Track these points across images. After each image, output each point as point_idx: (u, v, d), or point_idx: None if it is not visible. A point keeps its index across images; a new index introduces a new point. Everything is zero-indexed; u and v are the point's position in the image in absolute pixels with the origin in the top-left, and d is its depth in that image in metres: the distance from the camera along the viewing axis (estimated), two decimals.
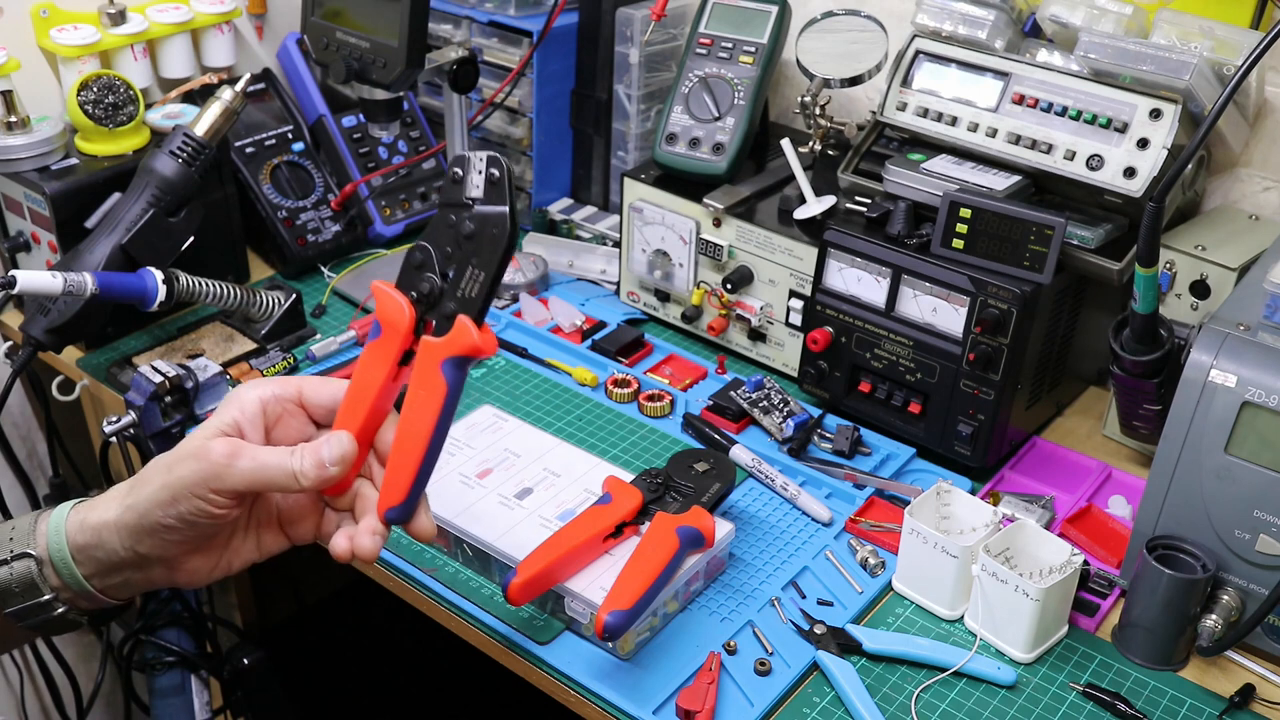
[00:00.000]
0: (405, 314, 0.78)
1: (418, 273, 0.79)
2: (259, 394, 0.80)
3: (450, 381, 0.76)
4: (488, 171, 0.77)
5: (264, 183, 1.58)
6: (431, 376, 0.77)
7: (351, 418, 0.79)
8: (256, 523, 0.83)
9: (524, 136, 1.67)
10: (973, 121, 1.25)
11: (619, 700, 0.96)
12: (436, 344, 0.77)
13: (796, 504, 1.19)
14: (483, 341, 0.76)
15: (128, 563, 0.78)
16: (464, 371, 0.77)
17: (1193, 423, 0.99)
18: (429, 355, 0.77)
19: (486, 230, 0.77)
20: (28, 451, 1.65)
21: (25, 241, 1.42)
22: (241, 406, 0.79)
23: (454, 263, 0.78)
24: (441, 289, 0.78)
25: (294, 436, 0.82)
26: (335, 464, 0.77)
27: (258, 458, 0.76)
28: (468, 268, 0.77)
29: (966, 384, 1.20)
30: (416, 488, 0.78)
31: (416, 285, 0.79)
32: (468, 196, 0.77)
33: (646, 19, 1.53)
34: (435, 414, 0.77)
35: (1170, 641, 1.01)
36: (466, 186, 0.77)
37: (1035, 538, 1.05)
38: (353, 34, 1.41)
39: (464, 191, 0.77)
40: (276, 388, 0.81)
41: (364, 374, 0.79)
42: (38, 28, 1.50)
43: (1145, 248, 1.00)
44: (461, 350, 0.76)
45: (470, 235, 0.77)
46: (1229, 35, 1.17)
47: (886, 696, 0.98)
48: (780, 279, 1.35)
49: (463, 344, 0.76)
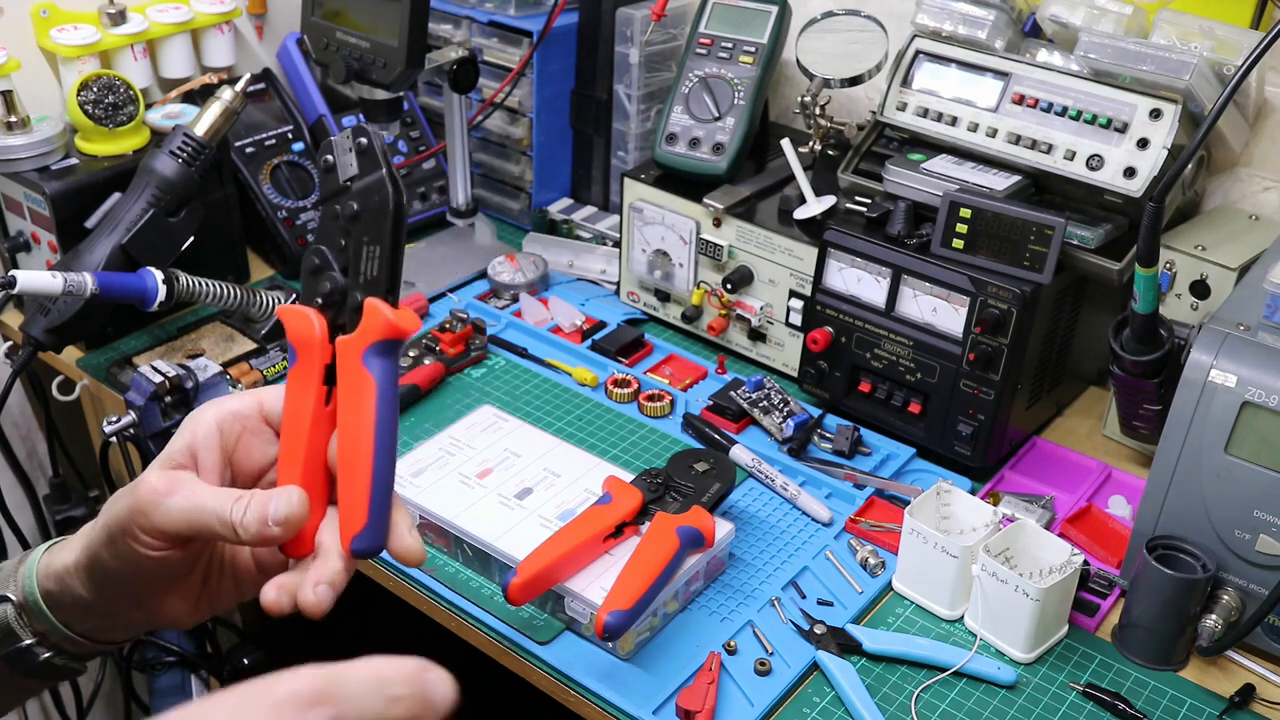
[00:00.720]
0: (314, 324, 0.68)
1: (316, 278, 0.69)
2: (213, 414, 0.71)
3: (377, 374, 0.66)
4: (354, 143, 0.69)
5: (264, 183, 1.58)
6: (355, 375, 0.66)
7: (291, 463, 0.68)
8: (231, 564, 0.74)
9: (524, 136, 1.67)
10: (973, 121, 1.25)
11: (619, 700, 0.96)
12: (351, 340, 0.67)
13: (796, 504, 1.19)
14: (398, 318, 0.66)
15: (96, 608, 0.71)
16: (391, 360, 0.67)
17: (1193, 423, 0.99)
18: (346, 354, 0.67)
19: (369, 203, 0.68)
20: (28, 451, 1.65)
21: (25, 241, 1.42)
22: (195, 430, 0.70)
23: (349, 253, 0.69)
24: (344, 285, 0.69)
25: (257, 459, 0.72)
26: (279, 524, 0.65)
27: (194, 497, 0.66)
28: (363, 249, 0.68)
29: (966, 384, 1.20)
30: (377, 505, 0.66)
31: (319, 291, 0.69)
32: (344, 179, 0.69)
33: (646, 19, 1.53)
34: (371, 416, 0.66)
35: (1170, 641, 1.01)
36: (340, 170, 0.69)
37: (1035, 538, 1.05)
38: (353, 34, 1.41)
39: (339, 176, 0.69)
40: (234, 404, 0.72)
41: (291, 409, 0.69)
42: (38, 28, 1.50)
43: (1145, 248, 1.00)
44: (377, 335, 0.66)
45: (355, 215, 0.68)
46: (1229, 35, 1.17)
47: (886, 696, 0.98)
48: (780, 279, 1.35)
49: (376, 327, 0.66)
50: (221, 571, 0.74)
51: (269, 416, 0.73)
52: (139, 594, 0.71)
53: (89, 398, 1.51)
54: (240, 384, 1.33)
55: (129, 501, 0.66)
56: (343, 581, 0.65)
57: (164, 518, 0.65)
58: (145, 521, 0.66)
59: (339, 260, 0.69)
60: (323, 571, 0.65)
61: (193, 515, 0.65)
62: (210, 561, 0.73)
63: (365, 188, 0.68)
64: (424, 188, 1.71)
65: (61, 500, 1.55)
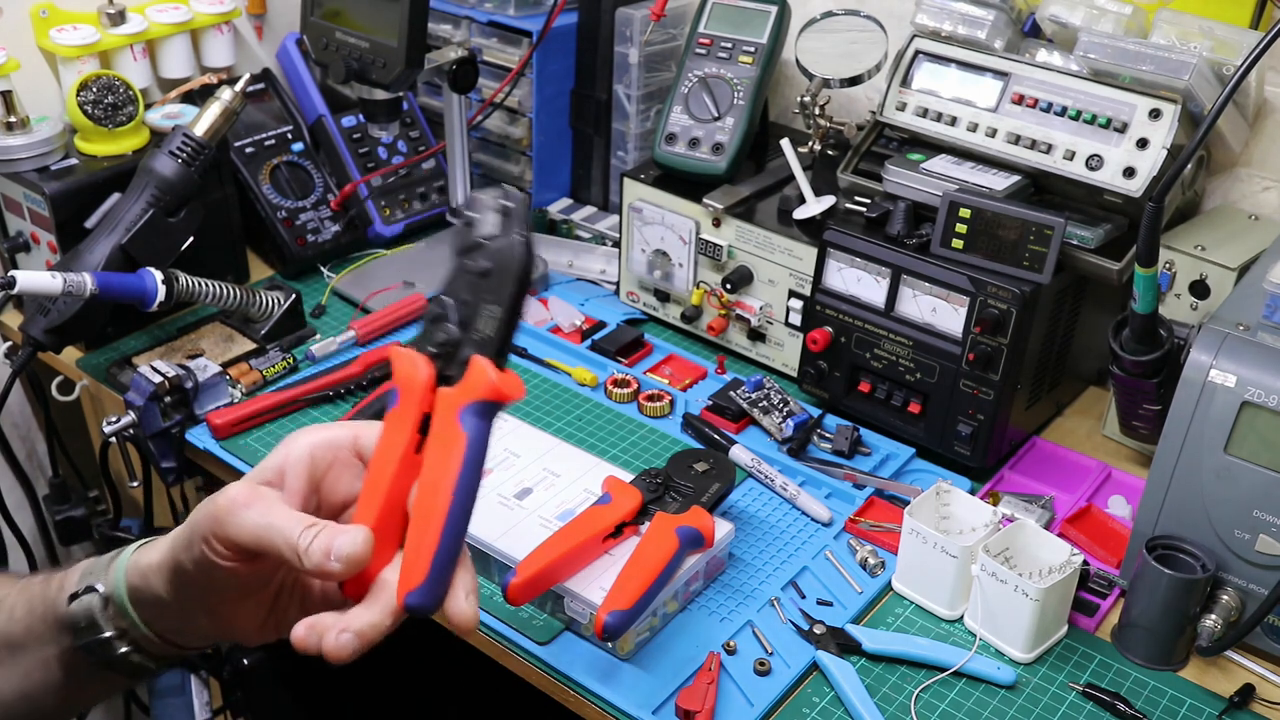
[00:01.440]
0: (421, 370, 0.68)
1: (435, 326, 0.70)
2: (309, 440, 0.72)
3: (470, 432, 0.65)
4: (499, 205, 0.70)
5: (264, 183, 1.58)
6: (449, 430, 0.65)
7: (370, 504, 0.68)
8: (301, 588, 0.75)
9: (524, 136, 1.67)
10: (972, 121, 1.25)
11: (619, 700, 0.96)
12: (451, 393, 0.66)
13: (796, 504, 1.19)
14: (502, 382, 0.65)
15: (172, 609, 0.73)
16: (486, 422, 0.66)
17: (1192, 423, 0.99)
18: (445, 407, 0.66)
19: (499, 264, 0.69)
20: (27, 452, 1.65)
21: (25, 242, 1.42)
22: (288, 451, 0.71)
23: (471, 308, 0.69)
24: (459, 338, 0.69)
25: (344, 491, 0.73)
26: (339, 560, 0.64)
27: (268, 515, 0.66)
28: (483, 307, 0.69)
29: (966, 384, 1.20)
30: (440, 564, 0.64)
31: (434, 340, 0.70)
32: (481, 236, 0.70)
33: (646, 19, 1.53)
34: (455, 473, 0.64)
35: (1170, 641, 1.01)
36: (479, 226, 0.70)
37: (1035, 538, 1.05)
38: (352, 34, 1.41)
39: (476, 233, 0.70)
40: (331, 433, 0.73)
41: (382, 450, 0.68)
42: (37, 28, 1.50)
43: (1145, 248, 1.00)
44: (479, 395, 0.65)
45: (485, 273, 0.69)
46: (1229, 35, 1.17)
47: (886, 696, 0.98)
48: (780, 279, 1.35)
49: (479, 387, 0.66)
50: (291, 594, 0.74)
51: (362, 451, 0.73)
52: (210, 601, 0.72)
53: (89, 398, 1.51)
54: (240, 384, 1.33)
55: (210, 509, 0.67)
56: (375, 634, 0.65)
57: (236, 530, 0.66)
58: (220, 530, 0.67)
59: (459, 313, 0.70)
60: (356, 620, 0.64)
61: (263, 532, 0.66)
62: (283, 583, 0.74)
63: (499, 249, 0.69)
64: (424, 188, 1.71)
65: (61, 500, 1.55)
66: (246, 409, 1.27)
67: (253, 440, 1.27)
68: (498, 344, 0.68)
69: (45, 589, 0.77)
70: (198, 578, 0.69)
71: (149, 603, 0.73)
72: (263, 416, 1.29)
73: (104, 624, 0.74)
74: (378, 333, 1.44)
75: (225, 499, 0.67)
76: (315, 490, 0.71)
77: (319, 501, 0.72)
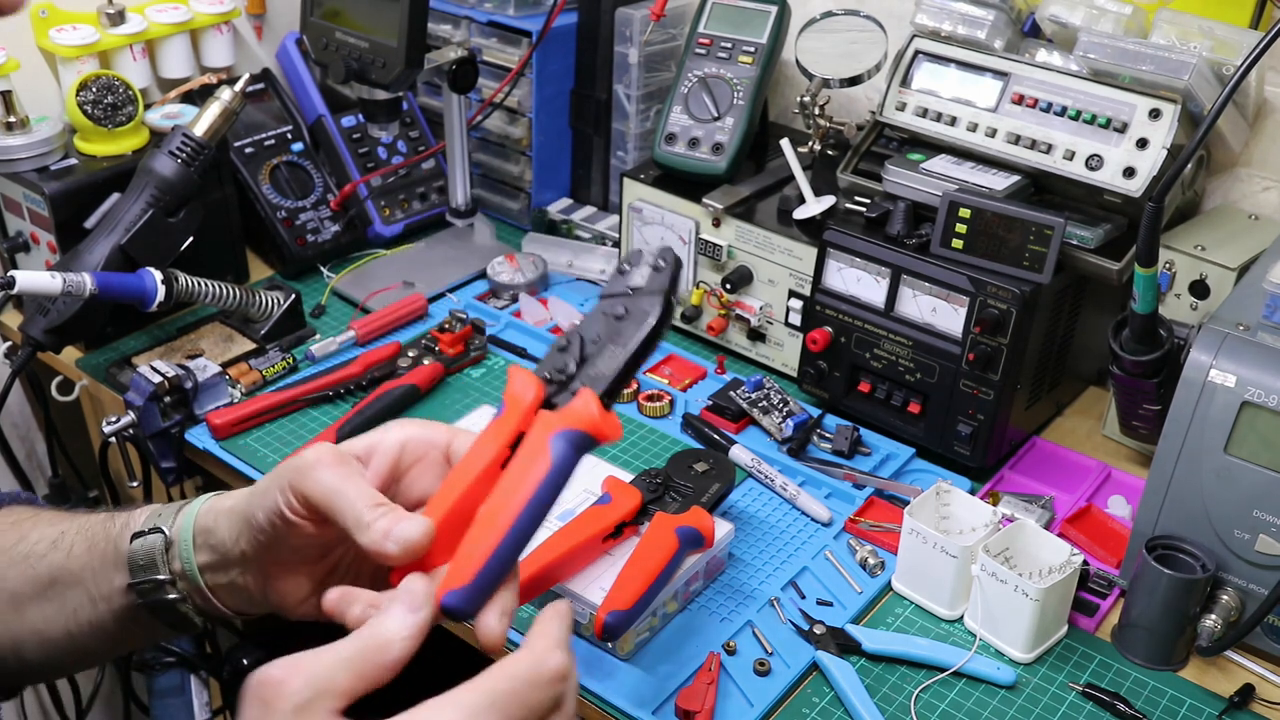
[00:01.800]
0: (532, 389, 0.69)
1: (558, 355, 0.71)
2: (404, 433, 0.73)
3: (556, 457, 0.65)
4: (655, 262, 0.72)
5: (263, 183, 1.58)
6: (537, 449, 0.66)
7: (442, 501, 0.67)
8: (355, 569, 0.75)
9: (523, 136, 1.67)
10: (972, 121, 1.25)
11: (619, 700, 0.96)
12: (551, 416, 0.67)
13: (796, 504, 1.19)
14: (603, 421, 0.66)
15: (233, 559, 0.74)
16: (576, 452, 0.66)
17: (1192, 423, 0.99)
18: (541, 428, 0.67)
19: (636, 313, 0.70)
20: (27, 452, 1.65)
21: (24, 242, 1.42)
22: (383, 436, 0.72)
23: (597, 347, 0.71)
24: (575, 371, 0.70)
25: (423, 489, 0.73)
26: (397, 543, 0.64)
27: (345, 481, 0.67)
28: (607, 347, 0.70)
29: (966, 384, 1.20)
30: (487, 573, 0.63)
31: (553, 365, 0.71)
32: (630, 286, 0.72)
33: (646, 19, 1.53)
34: (531, 489, 0.64)
35: (1170, 641, 1.01)
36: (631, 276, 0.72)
37: (1035, 538, 1.05)
38: (352, 34, 1.41)
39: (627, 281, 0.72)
40: (426, 431, 0.73)
41: (469, 457, 0.69)
42: (37, 28, 1.50)
43: (1145, 248, 1.00)
44: (575, 423, 0.66)
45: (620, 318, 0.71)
46: (1229, 35, 1.17)
47: (886, 696, 0.98)
48: (780, 279, 1.34)
49: (579, 417, 0.66)
50: (344, 575, 0.75)
51: (452, 457, 0.73)
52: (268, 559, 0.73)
53: (88, 398, 1.51)
54: (240, 384, 1.33)
55: (295, 461, 0.69)
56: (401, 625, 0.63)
57: (312, 484, 0.67)
58: (297, 481, 0.68)
59: (584, 349, 0.71)
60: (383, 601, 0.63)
61: (333, 494, 0.66)
62: (340, 560, 0.75)
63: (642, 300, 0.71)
64: (423, 188, 1.71)
65: (61, 500, 1.55)
66: (246, 409, 1.27)
67: (252, 440, 1.27)
68: (610, 384, 0.69)
69: (108, 526, 0.79)
70: (265, 529, 0.70)
71: (211, 548, 0.74)
72: (262, 416, 1.29)
73: (161, 566, 0.75)
74: (377, 333, 1.44)
75: (312, 454, 0.68)
76: (396, 480, 0.72)
77: (397, 492, 0.72)
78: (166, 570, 0.75)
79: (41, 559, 0.79)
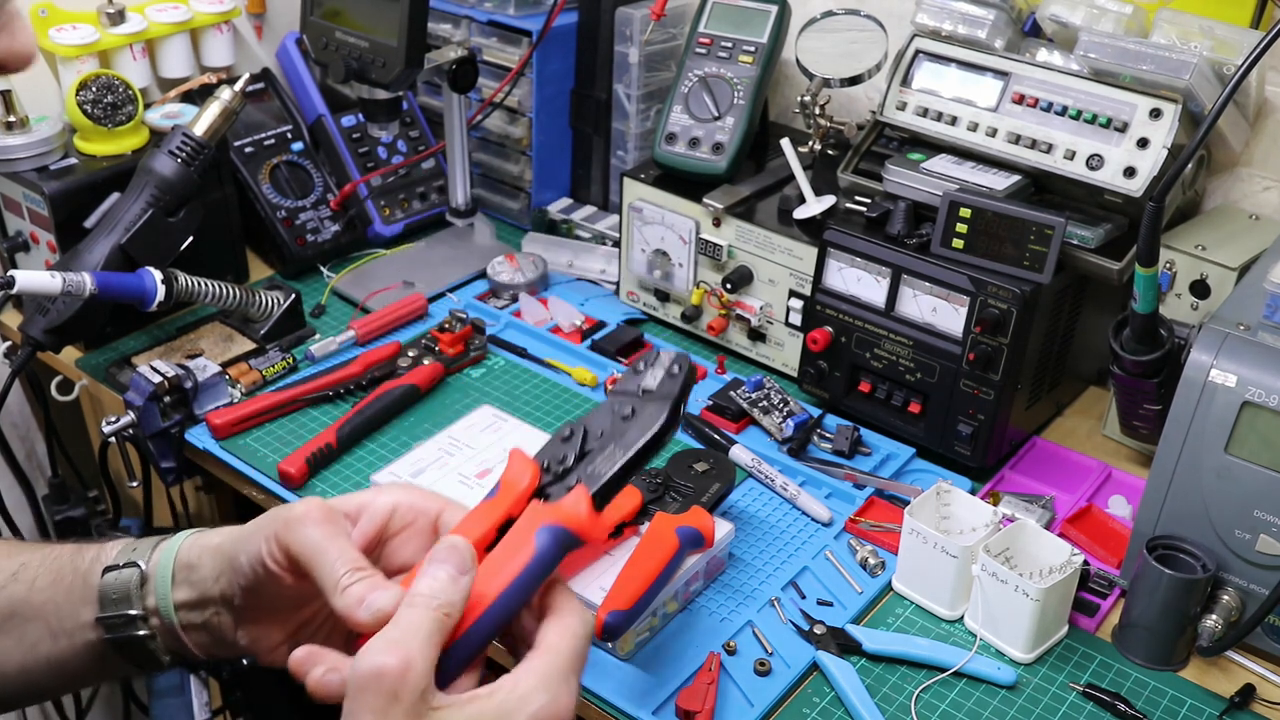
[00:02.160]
0: (527, 476, 0.69)
1: (559, 444, 0.72)
2: (395, 497, 0.73)
3: (539, 549, 0.65)
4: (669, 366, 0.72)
5: (263, 182, 1.58)
6: (522, 540, 0.66)
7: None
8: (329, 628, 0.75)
9: (523, 136, 1.67)
10: (973, 121, 1.25)
11: (619, 700, 0.96)
12: (542, 508, 0.67)
13: (796, 504, 1.19)
14: (591, 522, 0.66)
15: (211, 598, 0.73)
16: (559, 549, 0.66)
17: (1193, 423, 0.99)
18: (530, 518, 0.67)
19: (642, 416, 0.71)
20: (26, 452, 1.65)
21: (24, 241, 1.42)
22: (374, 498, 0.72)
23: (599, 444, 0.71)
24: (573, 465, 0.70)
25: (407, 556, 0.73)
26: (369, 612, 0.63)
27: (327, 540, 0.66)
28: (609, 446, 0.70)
29: (966, 384, 1.19)
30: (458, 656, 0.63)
31: (552, 455, 0.72)
32: (641, 387, 0.72)
33: (646, 18, 1.53)
34: (509, 578, 0.64)
35: (1170, 641, 1.01)
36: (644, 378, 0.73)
37: (1035, 538, 1.05)
38: (352, 34, 1.41)
39: (639, 381, 0.73)
40: (417, 499, 0.73)
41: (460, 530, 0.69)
42: (37, 27, 1.49)
43: (1145, 247, 1.00)
44: (563, 520, 0.66)
45: (626, 418, 0.71)
46: (1229, 35, 1.17)
47: (886, 697, 0.98)
48: (780, 279, 1.34)
49: (568, 514, 0.66)
50: (318, 630, 0.74)
51: (441, 527, 0.73)
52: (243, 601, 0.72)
53: (88, 398, 1.51)
54: (239, 384, 1.33)
55: (283, 512, 0.69)
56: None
57: (295, 539, 0.67)
58: (282, 532, 0.68)
59: (587, 444, 0.71)
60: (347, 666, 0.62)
61: (313, 552, 0.66)
62: (315, 614, 0.74)
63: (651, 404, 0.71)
64: (423, 188, 1.71)
65: (60, 500, 1.54)
66: (246, 409, 1.27)
67: (252, 440, 1.27)
68: (605, 484, 0.68)
69: (75, 560, 0.77)
70: (247, 573, 0.70)
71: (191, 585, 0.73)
72: (262, 416, 1.29)
73: (134, 601, 0.74)
74: (377, 332, 1.44)
75: (300, 508, 0.68)
76: (381, 544, 0.72)
77: (381, 555, 0.72)
78: (140, 606, 0.74)
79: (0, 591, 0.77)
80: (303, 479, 1.20)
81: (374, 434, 1.28)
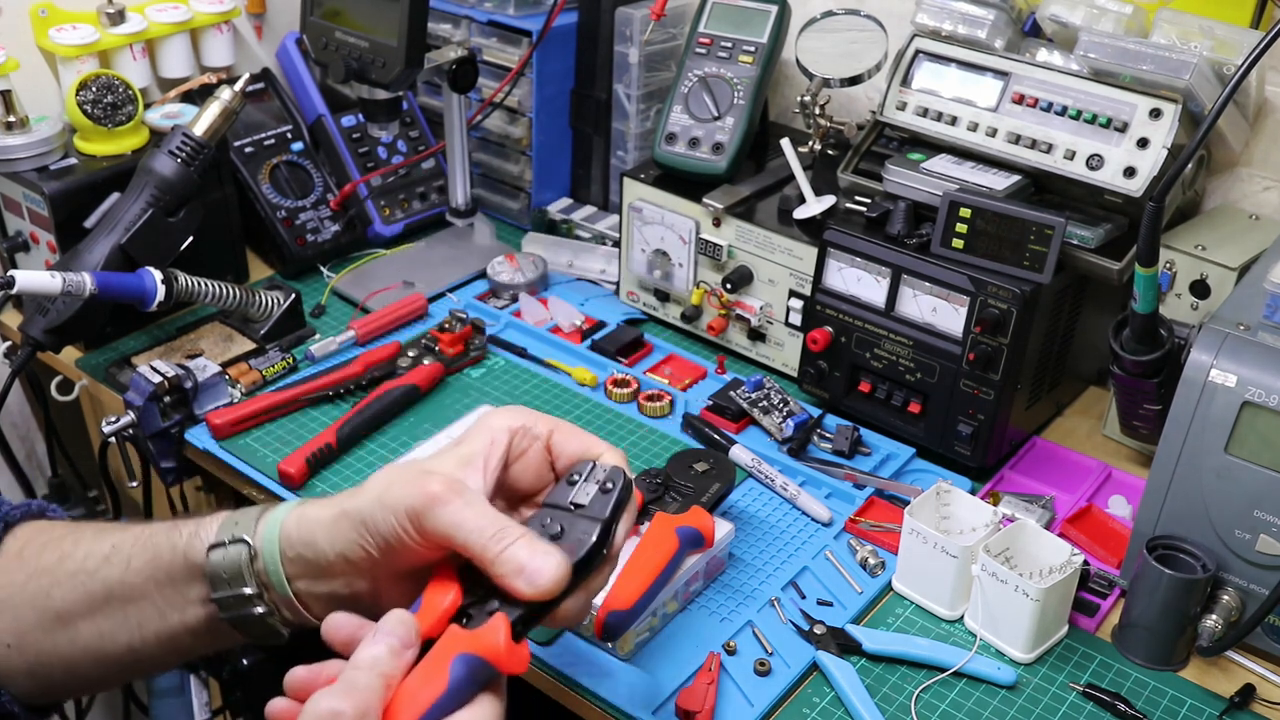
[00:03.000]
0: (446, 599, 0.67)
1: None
2: (509, 424, 0.75)
3: (452, 680, 0.63)
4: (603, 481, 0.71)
5: (263, 182, 1.58)
6: (437, 666, 0.64)
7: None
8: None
9: (523, 136, 1.67)
10: (973, 121, 1.25)
11: (619, 700, 0.96)
12: (459, 634, 0.65)
13: (796, 504, 1.19)
14: (508, 652, 0.64)
15: (333, 569, 0.72)
16: (473, 683, 0.64)
17: (1193, 423, 0.99)
18: (446, 644, 0.65)
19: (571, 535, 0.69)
20: (26, 452, 1.65)
21: (24, 241, 1.42)
22: (493, 436, 0.74)
23: None
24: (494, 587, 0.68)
25: (531, 479, 0.76)
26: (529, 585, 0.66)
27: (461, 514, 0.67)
28: None
29: (966, 384, 1.19)
30: None
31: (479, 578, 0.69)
32: (572, 501, 0.71)
33: (646, 18, 1.53)
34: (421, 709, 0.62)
35: (1170, 642, 1.01)
36: (577, 491, 0.71)
37: (1035, 538, 1.05)
38: (352, 34, 1.41)
39: (571, 495, 0.71)
40: (530, 421, 0.76)
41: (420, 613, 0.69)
42: (36, 27, 1.50)
43: (1145, 247, 1.00)
44: (480, 650, 0.64)
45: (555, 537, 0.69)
46: (1229, 35, 1.17)
47: (886, 697, 0.98)
48: (780, 279, 1.34)
49: (485, 644, 0.64)
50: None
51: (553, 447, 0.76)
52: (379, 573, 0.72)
53: (88, 398, 1.51)
54: (239, 384, 1.33)
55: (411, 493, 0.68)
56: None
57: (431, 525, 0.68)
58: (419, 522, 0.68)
59: None
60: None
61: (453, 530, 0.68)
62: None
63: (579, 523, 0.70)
64: (423, 187, 1.71)
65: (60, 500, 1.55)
66: (246, 409, 1.27)
67: (252, 440, 1.27)
68: (525, 614, 0.67)
69: (172, 538, 0.76)
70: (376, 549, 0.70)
71: (305, 560, 0.72)
72: (262, 416, 1.29)
73: (248, 579, 0.73)
74: (377, 332, 1.44)
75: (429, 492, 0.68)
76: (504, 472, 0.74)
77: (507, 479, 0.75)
78: (254, 583, 0.73)
79: (93, 575, 0.76)
80: (303, 479, 1.20)
81: (374, 434, 1.28)
